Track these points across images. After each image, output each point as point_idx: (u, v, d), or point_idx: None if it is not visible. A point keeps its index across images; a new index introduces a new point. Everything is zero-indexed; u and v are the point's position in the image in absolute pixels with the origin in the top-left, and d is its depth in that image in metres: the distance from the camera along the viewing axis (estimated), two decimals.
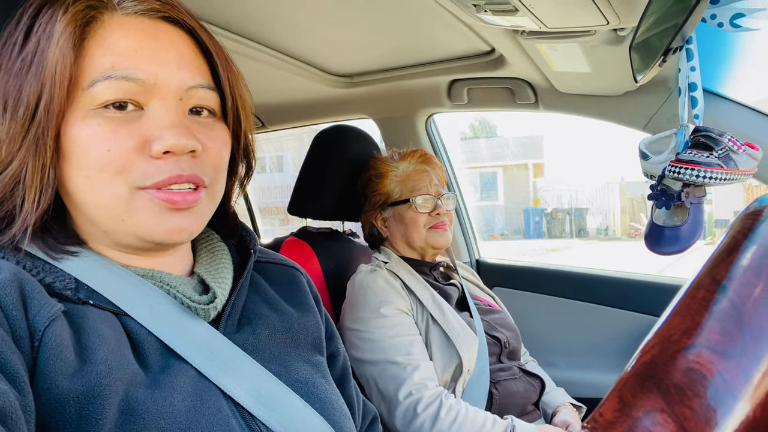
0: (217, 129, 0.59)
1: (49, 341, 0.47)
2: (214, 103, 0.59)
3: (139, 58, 0.53)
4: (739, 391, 0.29)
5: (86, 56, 0.53)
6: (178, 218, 0.55)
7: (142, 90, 0.53)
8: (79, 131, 0.52)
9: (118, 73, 0.52)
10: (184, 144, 0.53)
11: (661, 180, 1.03)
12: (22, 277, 0.50)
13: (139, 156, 0.53)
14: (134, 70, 0.53)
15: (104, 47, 0.53)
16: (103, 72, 0.52)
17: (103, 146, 0.52)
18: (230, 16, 1.19)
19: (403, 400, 1.15)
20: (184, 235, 0.57)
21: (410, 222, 1.38)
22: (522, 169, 19.99)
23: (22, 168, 0.52)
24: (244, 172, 0.69)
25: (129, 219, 0.54)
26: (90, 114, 0.52)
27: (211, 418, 0.52)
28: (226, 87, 0.60)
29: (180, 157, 0.54)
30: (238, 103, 0.62)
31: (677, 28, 0.85)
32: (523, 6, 0.95)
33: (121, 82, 0.52)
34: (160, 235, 0.55)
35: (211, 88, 0.58)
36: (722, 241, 0.35)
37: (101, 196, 0.53)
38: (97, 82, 0.52)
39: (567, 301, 1.76)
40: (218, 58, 0.59)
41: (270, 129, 2.17)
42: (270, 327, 0.66)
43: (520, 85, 1.56)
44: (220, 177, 0.61)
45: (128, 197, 0.53)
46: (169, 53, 0.55)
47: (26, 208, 0.52)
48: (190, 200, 0.55)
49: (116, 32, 0.54)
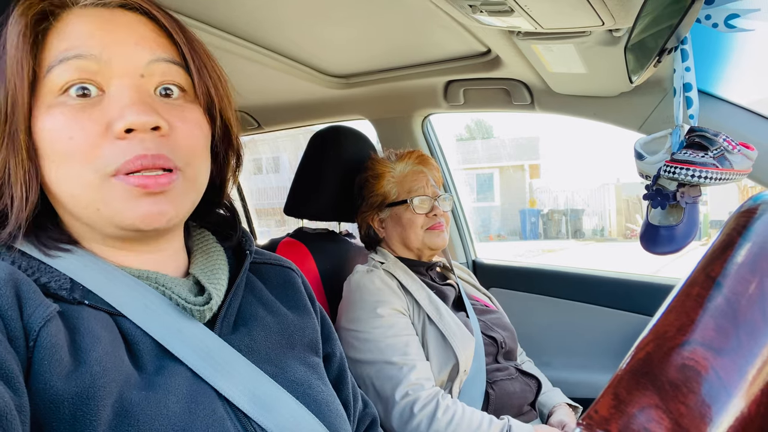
0: (188, 110, 0.58)
1: (44, 341, 0.47)
2: (181, 79, 0.58)
3: (92, 38, 0.53)
4: (733, 388, 0.29)
5: (45, 49, 0.53)
6: (152, 202, 0.54)
7: (99, 68, 0.53)
8: (43, 123, 0.52)
9: (71, 53, 0.52)
10: (145, 120, 0.52)
11: (657, 180, 1.03)
12: (18, 277, 0.49)
13: (104, 140, 0.52)
14: (87, 48, 0.53)
15: (61, 37, 0.54)
16: (57, 56, 0.52)
17: (66, 134, 0.52)
18: (225, 16, 1.19)
19: (400, 401, 1.15)
20: (162, 219, 0.55)
21: (407, 223, 1.38)
22: (518, 170, 20.03)
23: (5, 168, 0.52)
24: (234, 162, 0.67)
25: (103, 207, 0.53)
26: (54, 104, 0.52)
27: (206, 420, 0.52)
28: (191, 64, 0.58)
29: (144, 136, 0.53)
30: (207, 80, 0.59)
31: (672, 29, 0.85)
32: (519, 7, 0.95)
33: (75, 61, 0.52)
34: (136, 222, 0.54)
35: (174, 62, 0.57)
36: (717, 239, 0.35)
37: (73, 186, 0.53)
38: (53, 67, 0.52)
39: (563, 302, 1.77)
40: (179, 36, 0.58)
41: (266, 130, 2.16)
42: (265, 328, 0.66)
43: (516, 85, 1.56)
44: (197, 160, 0.58)
45: (99, 185, 0.53)
46: (124, 32, 0.55)
47: (16, 206, 0.53)
48: (163, 182, 0.54)
49: (73, 21, 0.54)
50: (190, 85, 0.59)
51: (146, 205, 0.54)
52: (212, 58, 0.62)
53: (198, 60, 0.59)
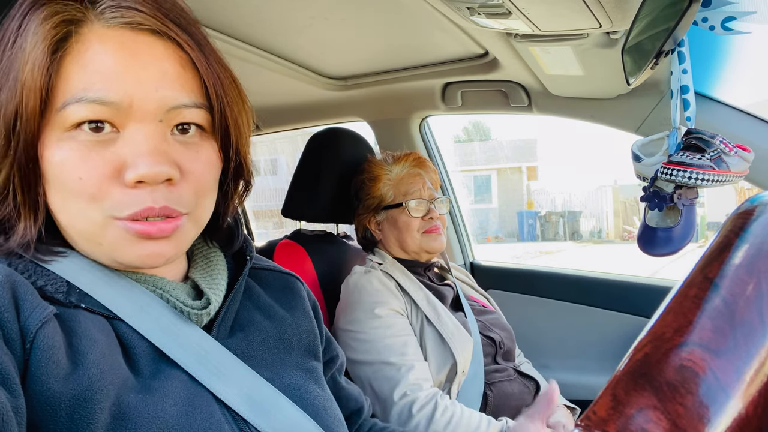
0: (203, 149, 0.56)
1: (40, 343, 0.47)
2: (201, 119, 0.55)
3: (113, 78, 0.50)
4: (731, 389, 0.29)
5: (62, 74, 0.50)
6: (154, 246, 0.53)
7: (117, 113, 0.50)
8: (52, 154, 0.50)
9: (90, 95, 0.49)
10: (158, 172, 0.50)
11: (654, 182, 1.04)
12: (15, 279, 0.49)
13: (113, 183, 0.51)
14: (107, 92, 0.49)
15: (80, 65, 0.50)
16: (75, 94, 0.49)
17: (75, 173, 0.50)
18: (223, 18, 1.19)
19: (398, 401, 1.15)
20: (160, 260, 0.55)
21: (403, 226, 1.38)
22: (516, 172, 20.06)
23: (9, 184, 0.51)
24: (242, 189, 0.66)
25: (105, 244, 0.53)
26: (64, 137, 0.50)
27: (203, 423, 0.52)
28: (215, 104, 0.55)
29: (155, 187, 0.51)
30: (228, 119, 0.57)
31: (669, 32, 0.86)
32: (517, 9, 0.95)
33: (93, 106, 0.49)
34: (135, 261, 0.54)
35: (197, 107, 0.54)
36: (714, 240, 0.35)
37: (77, 221, 0.52)
38: (69, 105, 0.49)
39: (561, 304, 1.77)
40: (209, 74, 0.55)
41: (264, 132, 2.17)
42: (262, 334, 0.65)
43: (514, 88, 1.56)
44: (205, 200, 0.57)
45: (103, 224, 0.52)
46: (148, 71, 0.51)
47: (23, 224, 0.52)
48: (167, 230, 0.53)
49: (93, 47, 0.50)
50: (210, 123, 0.56)
51: (147, 248, 0.53)
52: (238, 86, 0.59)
53: (222, 98, 0.56)
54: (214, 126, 0.56)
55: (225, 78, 0.57)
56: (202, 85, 0.55)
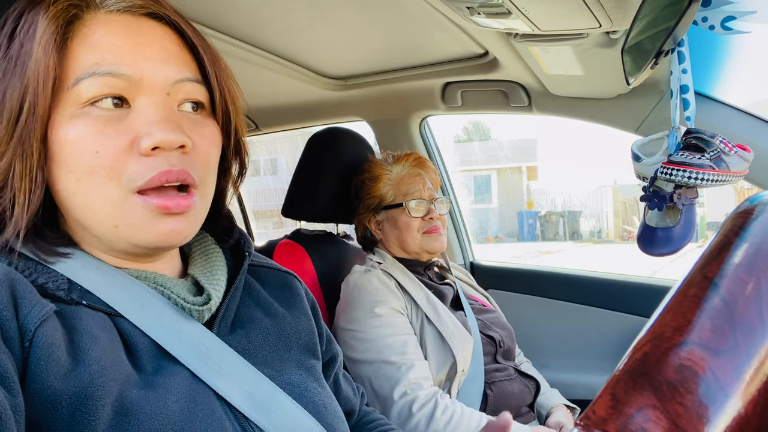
0: (207, 126, 0.59)
1: (40, 341, 0.47)
2: (202, 96, 0.58)
3: (123, 54, 0.53)
4: (730, 388, 0.29)
5: (70, 56, 0.52)
6: (172, 222, 0.55)
7: (128, 86, 0.53)
8: (65, 132, 0.51)
9: (103, 69, 0.52)
10: (173, 139, 0.53)
11: (654, 181, 1.03)
12: (13, 278, 0.49)
13: (129, 155, 0.52)
14: (119, 66, 0.52)
15: (88, 45, 0.52)
16: (87, 69, 0.51)
17: (92, 148, 0.51)
18: (223, 18, 1.19)
19: (398, 400, 1.15)
20: (179, 238, 0.56)
21: (403, 226, 1.38)
22: (516, 172, 20.05)
23: (9, 171, 0.51)
24: (237, 172, 0.68)
25: (121, 224, 0.54)
26: (77, 114, 0.52)
27: (204, 420, 0.52)
28: (213, 81, 0.59)
29: (169, 153, 0.53)
30: (227, 97, 0.61)
31: (669, 31, 0.86)
32: (516, 9, 0.95)
33: (107, 78, 0.52)
34: (153, 240, 0.55)
35: (198, 81, 0.58)
36: (714, 240, 0.35)
37: (93, 200, 0.53)
38: (82, 80, 0.51)
39: (561, 303, 1.77)
40: (204, 53, 0.59)
41: (264, 131, 2.16)
42: (262, 331, 0.66)
43: (514, 87, 1.56)
44: (210, 176, 0.60)
45: (122, 202, 0.53)
46: (153, 48, 0.55)
47: (17, 212, 0.52)
48: (185, 205, 0.55)
49: (99, 30, 0.53)
50: (209, 101, 0.60)
51: (166, 225, 0.54)
52: (231, 74, 0.63)
53: (220, 77, 0.60)
54: (214, 106, 0.60)
55: (218, 60, 0.61)
56: (198, 66, 0.59)
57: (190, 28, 0.59)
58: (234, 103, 0.62)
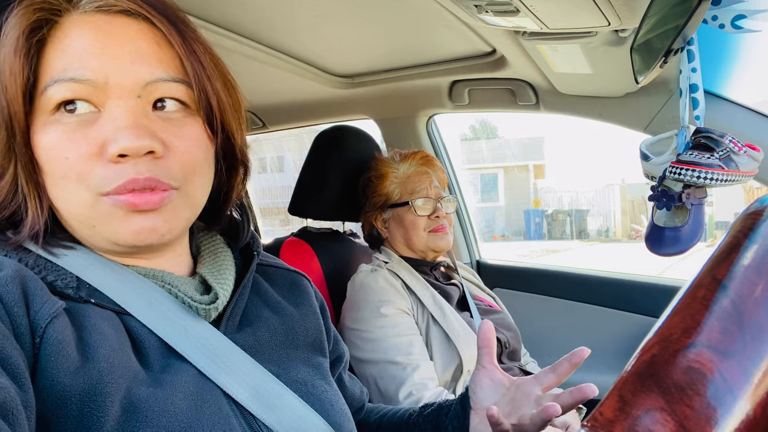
0: (187, 125, 0.56)
1: (50, 338, 0.48)
2: (181, 94, 0.56)
3: (89, 57, 0.52)
4: (739, 390, 0.29)
5: (44, 61, 0.52)
6: (143, 220, 0.53)
7: (93, 90, 0.52)
8: (40, 140, 0.52)
9: (67, 75, 0.51)
10: (138, 146, 0.51)
11: (662, 181, 1.03)
12: (25, 275, 0.50)
13: (97, 161, 0.52)
14: (82, 71, 0.51)
15: (59, 50, 0.52)
16: (54, 76, 0.51)
17: (62, 154, 0.51)
18: (230, 15, 1.19)
19: (404, 400, 1.15)
20: (153, 236, 0.54)
21: (410, 224, 1.38)
22: (523, 170, 19.99)
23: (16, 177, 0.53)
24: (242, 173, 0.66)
25: (98, 225, 0.54)
26: (50, 121, 0.52)
27: (212, 417, 0.53)
28: (192, 80, 0.56)
29: (137, 160, 0.52)
30: (209, 93, 0.57)
31: (678, 30, 0.85)
32: (525, 7, 0.95)
33: (69, 84, 0.51)
34: (128, 238, 0.54)
35: (176, 81, 0.55)
36: (723, 241, 0.35)
37: (69, 204, 0.53)
38: (48, 87, 0.51)
39: (567, 303, 1.76)
40: (182, 49, 0.55)
41: (270, 129, 2.17)
42: (270, 329, 0.66)
43: (521, 86, 1.56)
44: (195, 177, 0.57)
45: (92, 204, 0.52)
46: (123, 49, 0.53)
47: (31, 214, 0.53)
48: (154, 201, 0.53)
49: (72, 33, 0.53)
50: (192, 99, 0.57)
51: (137, 222, 0.53)
52: (220, 66, 0.60)
53: (200, 72, 0.56)
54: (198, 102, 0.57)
55: (203, 55, 0.57)
56: (181, 62, 0.56)
57: (167, 23, 0.55)
58: (219, 99, 0.58)
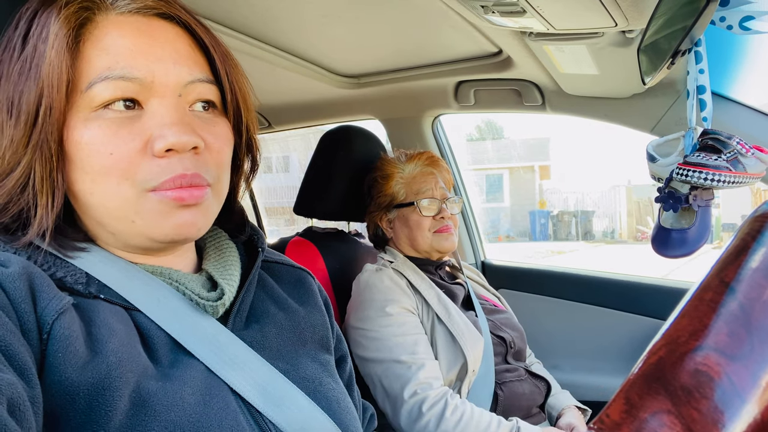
0: (218, 125, 0.59)
1: (57, 333, 0.48)
2: (213, 96, 0.59)
3: (135, 56, 0.53)
4: (746, 393, 0.29)
5: (83, 59, 0.52)
6: (187, 214, 0.55)
7: (140, 89, 0.53)
8: (80, 135, 0.52)
9: (115, 73, 0.52)
10: (186, 141, 0.53)
11: (669, 183, 1.02)
12: (32, 271, 0.50)
13: (143, 156, 0.53)
14: (131, 69, 0.53)
15: (100, 48, 0.53)
16: (100, 73, 0.52)
17: (106, 149, 0.52)
18: (237, 16, 1.20)
19: (408, 399, 1.15)
20: (193, 230, 0.57)
21: (415, 225, 1.38)
22: (528, 171, 19.95)
23: (29, 173, 0.52)
24: (249, 168, 0.68)
25: (138, 220, 0.54)
26: (91, 117, 0.52)
27: (219, 413, 0.53)
28: (224, 80, 0.59)
29: (183, 155, 0.54)
30: (238, 96, 0.61)
31: (686, 31, 0.85)
32: (531, 7, 0.95)
33: (119, 82, 0.52)
34: (169, 233, 0.55)
35: (209, 82, 0.58)
36: (731, 244, 0.35)
37: (109, 200, 0.54)
38: (95, 84, 0.52)
39: (572, 304, 1.76)
40: (215, 52, 0.59)
41: (276, 129, 2.17)
42: (277, 325, 0.66)
43: (527, 86, 1.56)
44: (224, 174, 0.60)
45: (136, 200, 0.54)
46: (164, 50, 0.55)
47: (40, 212, 0.53)
48: (197, 195, 0.55)
49: (111, 32, 0.54)
50: (220, 100, 0.60)
51: (180, 217, 0.55)
52: (243, 72, 0.63)
53: (231, 76, 0.60)
54: (225, 104, 0.60)
55: (229, 59, 0.61)
56: (209, 66, 0.59)
57: (201, 27, 0.59)
58: (245, 101, 0.62)
